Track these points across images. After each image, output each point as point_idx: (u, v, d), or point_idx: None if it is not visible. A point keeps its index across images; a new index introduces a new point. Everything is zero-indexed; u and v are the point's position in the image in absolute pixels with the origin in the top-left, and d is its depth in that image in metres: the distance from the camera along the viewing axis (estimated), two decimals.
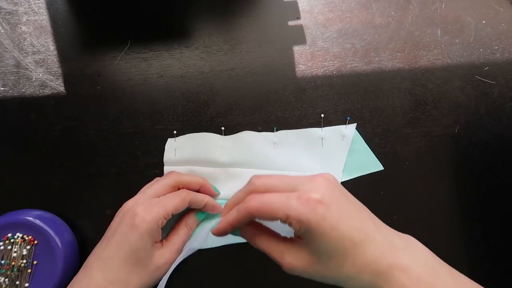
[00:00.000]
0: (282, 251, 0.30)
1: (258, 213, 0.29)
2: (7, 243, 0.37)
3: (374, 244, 0.29)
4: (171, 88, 0.43)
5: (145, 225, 0.33)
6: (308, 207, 0.27)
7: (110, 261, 0.33)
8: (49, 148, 0.42)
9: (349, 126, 0.42)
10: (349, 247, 0.28)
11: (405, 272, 0.28)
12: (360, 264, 0.28)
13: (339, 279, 0.29)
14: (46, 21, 0.43)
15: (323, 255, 0.29)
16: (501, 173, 0.42)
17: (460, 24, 0.44)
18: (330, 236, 0.28)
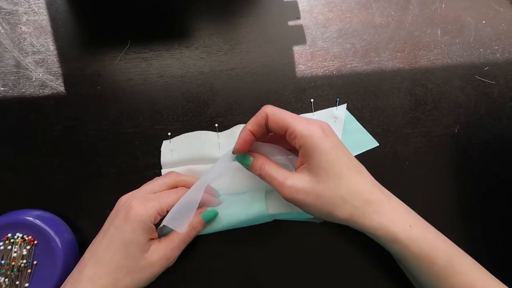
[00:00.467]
0: (285, 176, 0.33)
1: (272, 118, 0.33)
2: (7, 243, 0.37)
3: (366, 178, 0.33)
4: (171, 88, 0.43)
5: (138, 218, 0.33)
6: (313, 127, 0.32)
7: (102, 254, 0.33)
8: (49, 148, 0.42)
9: (340, 107, 0.42)
10: (344, 170, 0.32)
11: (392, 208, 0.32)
12: (355, 189, 0.32)
13: (335, 202, 0.32)
14: (46, 21, 0.43)
15: (322, 173, 0.32)
16: (501, 173, 0.42)
17: (460, 24, 0.44)
18: (330, 154, 0.32)
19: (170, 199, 0.35)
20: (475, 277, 0.32)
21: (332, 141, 0.33)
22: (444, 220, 0.41)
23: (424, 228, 0.33)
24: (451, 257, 0.32)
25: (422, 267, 0.32)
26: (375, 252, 0.39)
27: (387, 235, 0.32)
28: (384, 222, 0.32)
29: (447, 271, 0.31)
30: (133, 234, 0.33)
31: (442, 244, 0.32)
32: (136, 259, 0.33)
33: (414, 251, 0.31)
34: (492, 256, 0.40)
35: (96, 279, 0.32)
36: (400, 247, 0.32)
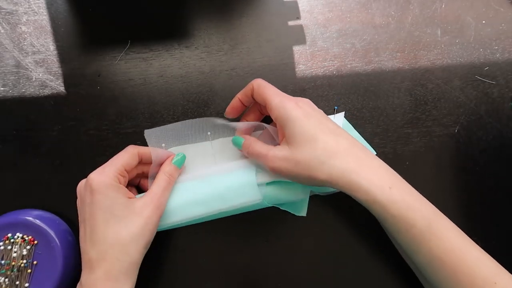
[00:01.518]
0: (268, 149, 0.35)
1: (256, 90, 0.36)
2: (7, 243, 0.37)
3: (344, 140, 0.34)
4: (171, 88, 0.43)
5: (102, 184, 0.33)
6: (287, 100, 0.35)
7: (95, 235, 0.32)
8: (49, 148, 0.42)
9: (338, 115, 0.42)
10: (319, 133, 0.33)
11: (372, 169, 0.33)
12: (331, 149, 0.32)
13: (312, 165, 0.32)
14: (46, 21, 0.43)
15: (298, 139, 0.33)
16: (501, 173, 0.42)
17: (460, 24, 0.44)
18: (302, 121, 0.33)
19: (122, 157, 0.35)
20: (454, 241, 0.31)
21: (304, 110, 0.34)
22: None
23: (404, 190, 0.32)
24: (430, 220, 0.31)
25: (401, 230, 0.32)
26: (374, 253, 0.39)
27: (365, 195, 0.31)
28: (362, 183, 0.31)
29: (425, 234, 0.31)
30: (109, 199, 0.33)
31: (422, 206, 0.32)
32: (127, 216, 0.33)
33: (392, 213, 0.31)
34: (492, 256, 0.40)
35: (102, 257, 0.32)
36: (378, 208, 0.31)
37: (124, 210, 0.33)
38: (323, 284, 0.40)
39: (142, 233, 0.33)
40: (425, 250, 0.31)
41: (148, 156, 0.37)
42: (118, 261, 0.32)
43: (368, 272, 0.40)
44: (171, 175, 0.37)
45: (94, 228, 0.33)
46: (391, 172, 0.34)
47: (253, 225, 0.41)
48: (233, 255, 0.41)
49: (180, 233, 0.41)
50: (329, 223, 0.41)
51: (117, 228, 0.32)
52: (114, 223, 0.32)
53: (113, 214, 0.33)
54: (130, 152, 0.36)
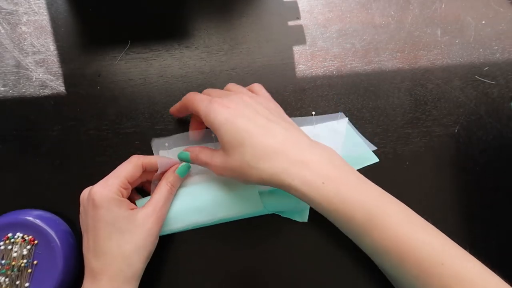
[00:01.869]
0: (212, 155, 0.35)
1: (187, 103, 0.37)
2: (7, 243, 0.37)
3: (274, 137, 0.32)
4: (171, 88, 0.43)
5: (105, 198, 0.33)
6: (211, 106, 0.33)
7: (98, 247, 0.33)
8: (49, 148, 0.42)
9: (341, 120, 0.42)
10: (245, 136, 0.32)
11: (304, 165, 0.31)
12: (259, 152, 0.31)
13: (244, 171, 0.32)
14: (46, 21, 0.43)
15: (227, 147, 0.32)
16: (501, 173, 0.42)
17: (460, 24, 0.44)
18: (226, 127, 0.32)
19: (125, 168, 0.35)
20: (397, 229, 0.30)
21: (233, 110, 0.33)
22: (444, 220, 0.41)
23: (340, 182, 0.30)
24: (370, 210, 0.30)
25: (341, 224, 0.31)
26: None
27: (297, 193, 0.31)
28: (293, 182, 0.30)
29: (366, 226, 0.30)
30: (111, 213, 0.33)
31: (360, 197, 0.30)
32: (131, 230, 0.33)
33: (328, 208, 0.30)
34: (492, 256, 0.40)
35: (106, 269, 0.32)
36: (314, 205, 0.31)
37: (127, 224, 0.33)
38: (323, 284, 0.40)
39: (144, 244, 0.34)
40: (368, 241, 0.30)
41: (152, 165, 0.37)
42: (121, 272, 0.33)
43: (368, 272, 0.40)
44: (173, 185, 0.37)
45: (97, 240, 0.33)
46: (328, 162, 0.32)
47: (253, 226, 0.41)
48: (233, 256, 0.41)
49: (180, 234, 0.41)
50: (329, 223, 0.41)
51: (120, 241, 0.33)
52: (117, 237, 0.33)
53: (115, 228, 0.33)
54: (134, 163, 0.36)
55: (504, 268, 0.35)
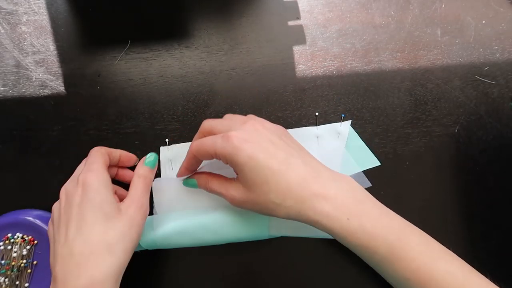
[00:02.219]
0: (227, 187, 0.34)
1: (197, 153, 0.35)
2: (7, 243, 0.37)
3: (296, 172, 0.32)
4: (171, 88, 0.43)
5: (95, 179, 0.33)
6: (228, 143, 0.32)
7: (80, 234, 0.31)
8: (49, 148, 0.42)
9: (344, 123, 0.42)
10: (269, 174, 0.31)
11: (328, 200, 0.31)
12: (284, 190, 0.31)
13: (269, 207, 0.32)
14: (46, 21, 0.43)
15: (250, 183, 0.32)
16: (501, 173, 0.42)
17: (460, 24, 0.44)
18: (250, 165, 0.31)
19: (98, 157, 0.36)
20: (419, 260, 0.31)
21: (250, 146, 0.32)
22: (444, 220, 0.41)
23: (364, 217, 0.31)
24: (392, 243, 0.31)
25: (364, 256, 0.32)
26: None
27: (325, 229, 0.31)
28: (319, 218, 0.31)
29: (389, 259, 0.31)
30: (101, 196, 0.33)
31: (382, 231, 0.31)
32: (115, 217, 0.33)
33: (353, 243, 0.31)
34: (492, 256, 0.40)
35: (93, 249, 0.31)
36: (339, 239, 0.32)
37: (112, 209, 0.33)
38: (323, 284, 0.40)
39: (129, 233, 0.33)
40: (390, 272, 0.32)
41: (115, 159, 0.38)
42: (104, 263, 0.31)
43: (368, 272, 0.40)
44: (146, 177, 0.37)
45: (82, 226, 0.31)
46: (349, 196, 0.32)
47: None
48: (233, 256, 0.41)
49: None
50: None
51: (104, 227, 0.32)
52: (102, 222, 0.32)
53: (102, 212, 0.32)
54: (100, 151, 0.36)
55: (504, 268, 0.35)
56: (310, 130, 0.41)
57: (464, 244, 0.40)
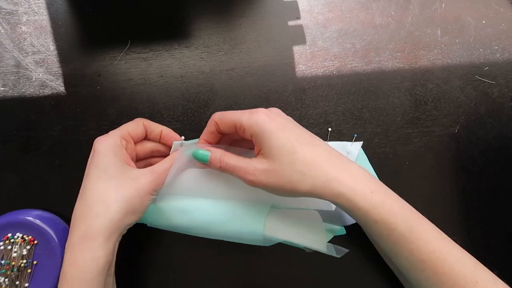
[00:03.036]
0: (246, 162, 0.34)
1: (220, 122, 0.35)
2: (7, 243, 0.37)
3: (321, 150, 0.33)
4: (171, 88, 0.43)
5: (103, 145, 0.34)
6: (256, 115, 0.33)
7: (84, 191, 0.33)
8: (49, 148, 0.42)
9: (355, 143, 0.41)
10: (296, 145, 0.32)
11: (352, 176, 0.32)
12: (310, 160, 0.32)
13: (293, 178, 0.32)
14: (46, 21, 0.43)
15: (276, 153, 0.32)
16: (501, 173, 0.42)
17: (460, 24, 0.44)
18: (278, 134, 0.32)
19: (127, 123, 0.37)
20: (435, 243, 0.32)
21: (278, 121, 0.33)
22: (444, 220, 0.41)
23: (384, 194, 0.33)
24: (411, 223, 0.32)
25: (383, 233, 0.32)
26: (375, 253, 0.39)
27: (348, 202, 0.32)
28: (343, 190, 0.31)
29: (406, 237, 0.32)
30: (106, 159, 0.33)
31: (402, 210, 0.33)
32: (119, 178, 0.33)
33: (374, 218, 0.32)
34: (492, 256, 0.40)
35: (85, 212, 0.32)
36: (361, 214, 0.32)
37: (118, 172, 0.33)
38: (323, 284, 0.40)
39: (129, 197, 0.33)
40: (407, 253, 0.32)
41: (152, 129, 0.38)
42: (97, 218, 0.32)
43: (368, 272, 0.40)
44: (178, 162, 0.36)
45: (86, 184, 0.33)
46: (370, 177, 0.34)
47: None
48: (233, 256, 0.41)
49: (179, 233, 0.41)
50: None
51: (106, 185, 0.33)
52: (105, 181, 0.33)
53: (105, 172, 0.33)
54: (136, 121, 0.37)
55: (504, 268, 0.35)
56: None
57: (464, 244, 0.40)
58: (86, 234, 0.31)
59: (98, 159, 0.34)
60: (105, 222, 0.32)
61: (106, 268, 0.32)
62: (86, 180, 0.34)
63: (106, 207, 0.32)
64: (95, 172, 0.33)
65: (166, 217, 0.37)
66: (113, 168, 0.33)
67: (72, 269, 0.31)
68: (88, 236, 0.31)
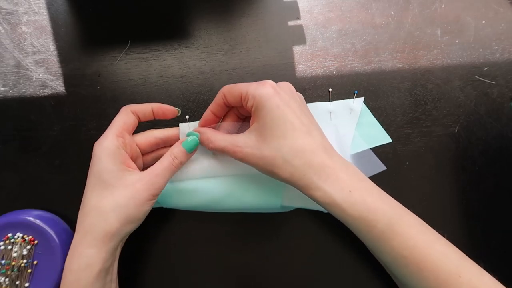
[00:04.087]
0: (233, 139, 0.34)
1: (228, 93, 0.35)
2: (7, 243, 0.37)
3: (313, 139, 0.33)
4: (171, 88, 0.43)
5: (99, 148, 0.34)
6: (263, 87, 0.33)
7: (83, 199, 0.34)
8: (49, 148, 0.42)
9: (357, 99, 0.42)
10: (289, 129, 0.32)
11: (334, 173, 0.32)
12: (297, 149, 0.32)
13: (276, 163, 0.32)
14: (46, 21, 0.43)
15: (267, 133, 0.32)
16: (501, 173, 0.42)
17: (460, 24, 0.44)
18: (275, 113, 0.32)
19: (118, 118, 0.36)
20: (417, 238, 0.31)
21: (282, 98, 0.33)
22: (444, 220, 0.41)
23: (365, 192, 0.32)
24: (391, 219, 0.31)
25: (362, 231, 0.32)
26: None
27: (325, 198, 0.31)
28: (322, 185, 0.31)
29: (387, 233, 0.31)
30: (101, 164, 0.33)
31: (383, 206, 0.32)
32: (114, 186, 0.33)
33: (352, 215, 0.31)
34: (492, 256, 0.40)
35: (82, 221, 0.33)
36: (338, 211, 0.32)
37: (112, 178, 0.33)
38: (323, 284, 0.40)
39: (125, 205, 0.32)
40: (388, 249, 0.32)
41: (144, 111, 0.37)
42: (94, 227, 0.32)
43: (368, 271, 0.40)
44: (176, 158, 0.35)
45: (84, 192, 0.34)
46: (354, 173, 0.33)
47: (253, 226, 0.41)
48: (233, 255, 0.41)
49: (180, 233, 0.41)
50: (329, 222, 0.41)
51: (100, 194, 0.33)
52: (99, 189, 0.33)
53: (99, 180, 0.33)
54: (123, 111, 0.36)
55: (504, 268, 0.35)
56: (324, 105, 0.42)
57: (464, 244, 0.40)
58: (83, 242, 0.32)
59: (94, 166, 0.34)
60: (102, 233, 0.32)
61: (101, 275, 0.32)
62: (86, 187, 0.34)
63: (102, 217, 0.32)
64: (91, 180, 0.33)
65: (183, 197, 0.38)
66: (108, 175, 0.33)
67: (69, 274, 0.32)
68: (85, 244, 0.32)
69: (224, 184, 0.38)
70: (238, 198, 0.38)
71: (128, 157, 0.35)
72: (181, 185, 0.38)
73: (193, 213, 0.41)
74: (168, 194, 0.38)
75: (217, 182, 0.38)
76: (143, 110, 0.37)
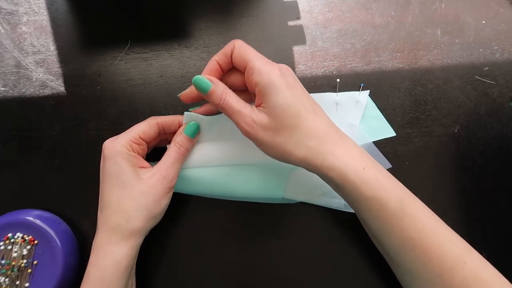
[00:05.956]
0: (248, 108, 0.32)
1: (237, 50, 0.33)
2: (7, 243, 0.37)
3: (323, 121, 0.33)
4: (171, 88, 0.43)
5: (113, 151, 0.34)
6: (272, 66, 0.32)
7: (102, 200, 0.34)
8: (49, 148, 0.42)
9: (363, 92, 0.42)
10: (302, 110, 0.32)
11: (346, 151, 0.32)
12: (310, 130, 0.31)
13: (288, 145, 0.31)
14: (46, 21, 0.43)
15: (279, 112, 0.31)
16: (501, 173, 0.42)
17: (460, 24, 0.44)
18: (287, 93, 0.31)
19: (139, 125, 0.36)
20: (425, 221, 0.32)
21: (289, 81, 0.32)
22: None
23: (377, 171, 0.32)
24: (402, 200, 0.32)
25: (373, 210, 0.32)
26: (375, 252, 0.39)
27: (339, 176, 0.31)
28: (337, 163, 0.31)
29: (397, 214, 0.31)
30: (116, 166, 0.34)
31: (394, 186, 0.32)
32: (132, 185, 0.33)
33: (365, 193, 0.31)
34: (492, 256, 0.40)
35: (106, 221, 0.33)
36: (352, 189, 0.31)
37: (130, 178, 0.34)
38: (323, 283, 0.40)
39: (145, 202, 0.34)
40: (397, 230, 0.31)
41: (168, 125, 0.37)
42: (119, 227, 0.33)
43: (368, 271, 0.40)
44: (182, 146, 0.36)
45: (102, 193, 0.34)
46: (364, 154, 0.33)
47: (253, 225, 0.41)
48: (233, 255, 0.41)
49: (180, 232, 0.41)
50: (329, 222, 0.41)
51: (121, 195, 0.33)
52: (119, 190, 0.33)
53: (118, 181, 0.34)
54: (148, 121, 0.36)
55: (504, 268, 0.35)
56: (331, 96, 0.42)
57: None
58: (109, 241, 0.33)
59: (109, 168, 0.34)
60: (127, 232, 0.33)
61: (127, 272, 0.33)
62: (103, 187, 0.34)
63: (125, 216, 0.33)
64: (109, 180, 0.34)
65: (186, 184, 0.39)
66: (124, 175, 0.34)
67: (95, 271, 0.33)
68: (112, 243, 0.33)
69: (227, 172, 0.39)
70: (241, 186, 0.39)
71: (141, 158, 0.36)
72: (186, 172, 0.38)
73: (193, 213, 0.41)
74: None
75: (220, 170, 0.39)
76: (169, 124, 0.37)
